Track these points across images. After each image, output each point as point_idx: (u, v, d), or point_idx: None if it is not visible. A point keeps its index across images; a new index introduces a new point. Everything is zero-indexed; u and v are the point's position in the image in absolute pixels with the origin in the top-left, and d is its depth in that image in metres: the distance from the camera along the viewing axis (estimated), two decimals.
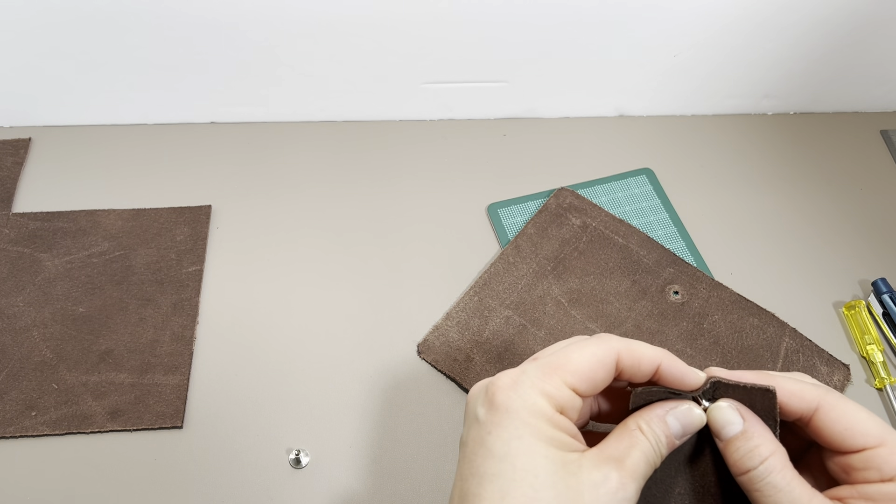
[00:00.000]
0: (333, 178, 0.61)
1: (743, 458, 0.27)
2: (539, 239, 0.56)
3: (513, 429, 0.25)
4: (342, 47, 0.58)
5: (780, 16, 0.59)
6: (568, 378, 0.27)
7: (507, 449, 0.25)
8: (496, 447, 0.25)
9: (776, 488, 0.26)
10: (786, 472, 0.26)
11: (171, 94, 0.61)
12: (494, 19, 0.56)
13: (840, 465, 0.28)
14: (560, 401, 0.26)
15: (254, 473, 0.45)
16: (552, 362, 0.27)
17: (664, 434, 0.27)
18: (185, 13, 0.54)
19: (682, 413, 0.28)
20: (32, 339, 0.50)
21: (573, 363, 0.27)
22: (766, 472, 0.26)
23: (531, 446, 0.25)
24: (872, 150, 0.66)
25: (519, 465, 0.25)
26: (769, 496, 0.26)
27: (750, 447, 0.27)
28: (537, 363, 0.27)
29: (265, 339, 0.51)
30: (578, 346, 0.28)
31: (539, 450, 0.25)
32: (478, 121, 0.66)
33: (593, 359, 0.27)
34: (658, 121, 0.67)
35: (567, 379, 0.27)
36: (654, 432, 0.27)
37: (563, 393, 0.26)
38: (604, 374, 0.27)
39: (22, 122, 0.62)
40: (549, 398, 0.26)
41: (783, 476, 0.26)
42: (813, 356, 0.51)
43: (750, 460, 0.27)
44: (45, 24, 0.54)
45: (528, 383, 0.26)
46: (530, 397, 0.26)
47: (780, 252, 0.58)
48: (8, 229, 0.56)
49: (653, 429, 0.27)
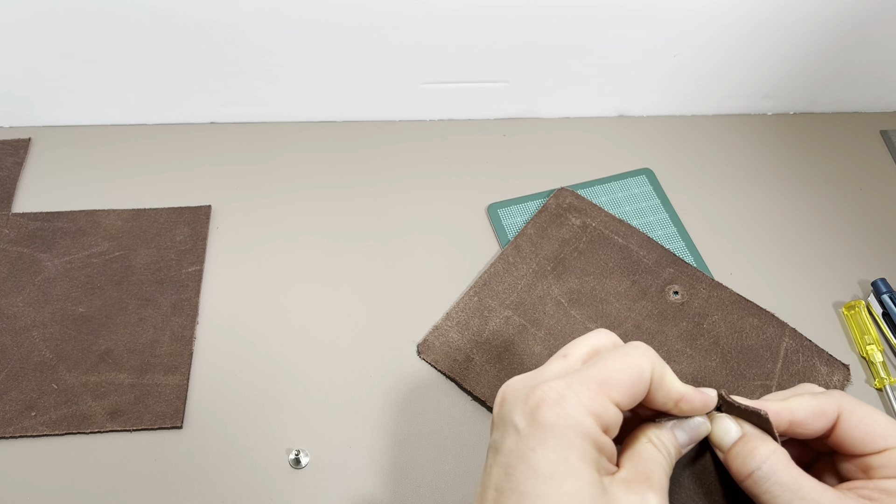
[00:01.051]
0: (333, 179, 0.61)
1: (744, 461, 0.27)
2: (539, 239, 0.56)
3: (560, 450, 0.25)
4: (342, 47, 0.58)
5: (780, 16, 0.59)
6: (613, 393, 0.26)
7: (552, 470, 0.24)
8: (541, 467, 0.24)
9: (783, 486, 0.25)
10: (790, 470, 0.26)
11: (171, 94, 0.61)
12: (494, 19, 0.56)
13: (858, 466, 0.27)
14: (606, 419, 0.26)
15: (254, 473, 0.45)
16: (597, 376, 0.26)
17: (673, 446, 0.27)
18: (185, 14, 0.54)
19: (688, 424, 0.28)
20: (32, 340, 0.50)
21: (618, 377, 0.26)
22: (770, 471, 0.26)
23: (577, 470, 0.24)
24: (872, 150, 0.66)
25: (565, 489, 0.24)
26: (777, 496, 0.26)
27: (749, 449, 0.27)
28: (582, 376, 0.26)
29: (265, 339, 0.51)
30: (618, 358, 0.27)
31: (584, 475, 0.24)
32: (478, 121, 0.66)
33: (635, 372, 0.26)
34: (658, 121, 0.67)
35: (612, 394, 0.26)
36: (664, 445, 0.27)
37: (609, 410, 0.26)
38: (642, 388, 0.27)
39: (22, 122, 0.62)
40: (597, 417, 0.25)
41: (788, 474, 0.26)
42: (813, 356, 0.51)
43: (751, 461, 0.26)
44: (46, 25, 0.54)
45: (575, 400, 0.25)
46: (578, 416, 0.25)
47: (780, 252, 0.58)
48: (8, 229, 0.56)
49: (664, 442, 0.27)
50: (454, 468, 0.46)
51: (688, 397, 0.27)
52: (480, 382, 0.49)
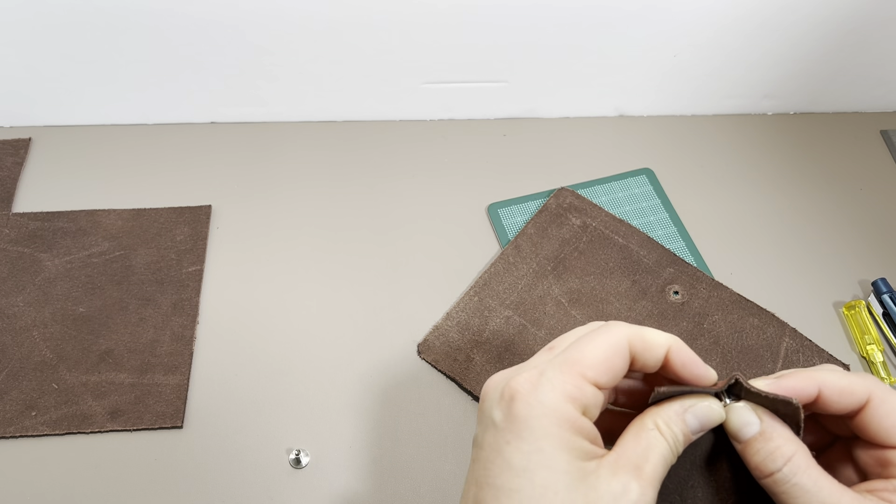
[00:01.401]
0: (333, 178, 0.61)
1: (765, 461, 0.26)
2: (539, 239, 0.56)
3: (533, 440, 0.24)
4: (342, 47, 0.58)
5: (780, 16, 0.59)
6: (588, 373, 0.25)
7: (526, 463, 0.24)
8: (515, 460, 0.24)
9: (803, 489, 0.25)
10: (811, 472, 0.25)
11: (171, 94, 0.61)
12: (494, 19, 0.56)
13: (876, 458, 0.27)
14: (583, 401, 0.25)
15: (254, 473, 0.45)
16: (569, 358, 0.26)
17: (682, 433, 0.26)
18: (185, 14, 0.54)
19: (701, 410, 0.27)
20: (32, 339, 0.50)
21: (589, 356, 0.26)
22: (790, 473, 0.25)
23: (551, 460, 0.24)
24: (872, 150, 0.66)
25: (538, 480, 0.24)
26: (796, 497, 0.25)
27: (770, 448, 0.26)
28: (555, 362, 0.26)
29: (265, 339, 0.51)
30: (589, 338, 0.26)
31: (560, 464, 0.24)
32: (478, 121, 0.66)
33: (607, 347, 0.26)
34: (658, 121, 0.67)
35: (587, 374, 0.25)
36: (672, 432, 0.26)
37: (585, 391, 0.25)
38: (620, 361, 0.26)
39: (22, 122, 0.62)
40: (573, 400, 0.25)
41: (809, 476, 0.25)
42: (813, 356, 0.51)
43: (773, 462, 0.25)
44: (46, 26, 0.54)
45: (548, 386, 0.25)
46: (552, 402, 0.25)
47: (780, 252, 0.58)
48: (8, 229, 0.56)
49: (671, 428, 0.26)
50: (454, 468, 0.46)
51: (675, 346, 0.27)
52: (480, 382, 0.49)
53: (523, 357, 0.50)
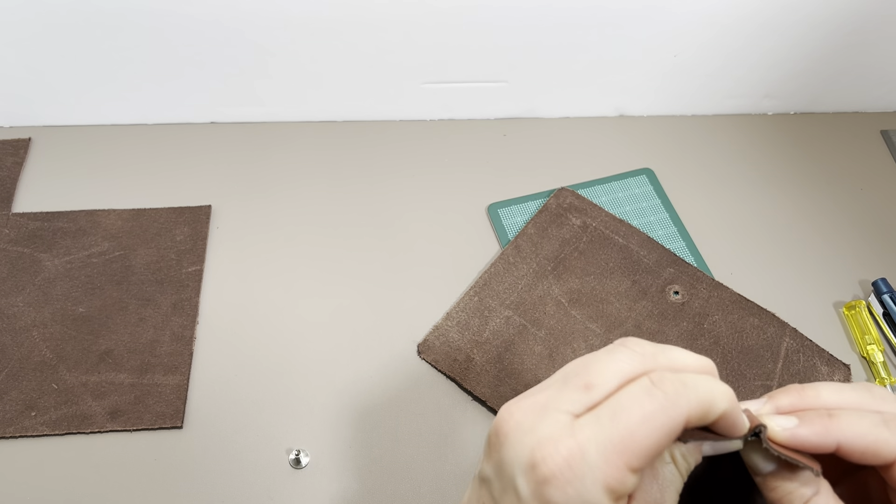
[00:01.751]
0: (333, 178, 0.61)
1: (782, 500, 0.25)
2: (539, 239, 0.56)
3: None
4: (342, 47, 0.58)
5: (781, 16, 0.59)
6: (634, 462, 0.22)
7: None
8: None
9: None
10: None
11: (171, 94, 0.61)
12: (494, 19, 0.56)
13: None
14: (622, 492, 0.23)
15: (254, 473, 0.45)
16: (616, 440, 0.22)
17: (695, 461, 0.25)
18: (185, 13, 0.54)
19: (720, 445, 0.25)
20: (32, 339, 0.50)
21: (641, 440, 0.22)
22: None
23: None
24: (872, 150, 0.66)
25: None
26: None
27: (789, 489, 0.25)
28: (599, 439, 0.22)
29: (265, 339, 0.51)
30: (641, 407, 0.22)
31: None
32: (478, 121, 0.66)
33: (664, 434, 0.22)
34: (658, 121, 0.67)
35: (633, 463, 0.22)
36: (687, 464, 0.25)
37: (626, 484, 0.22)
38: (667, 445, 0.23)
39: (22, 122, 0.62)
40: (611, 492, 0.22)
41: None
42: (813, 356, 0.51)
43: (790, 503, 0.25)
44: (46, 26, 0.54)
45: (590, 478, 0.22)
46: (591, 496, 0.22)
47: (780, 252, 0.58)
48: (8, 229, 0.56)
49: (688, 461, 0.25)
50: (454, 468, 0.46)
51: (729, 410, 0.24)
52: (480, 382, 0.49)
53: (523, 357, 0.50)
